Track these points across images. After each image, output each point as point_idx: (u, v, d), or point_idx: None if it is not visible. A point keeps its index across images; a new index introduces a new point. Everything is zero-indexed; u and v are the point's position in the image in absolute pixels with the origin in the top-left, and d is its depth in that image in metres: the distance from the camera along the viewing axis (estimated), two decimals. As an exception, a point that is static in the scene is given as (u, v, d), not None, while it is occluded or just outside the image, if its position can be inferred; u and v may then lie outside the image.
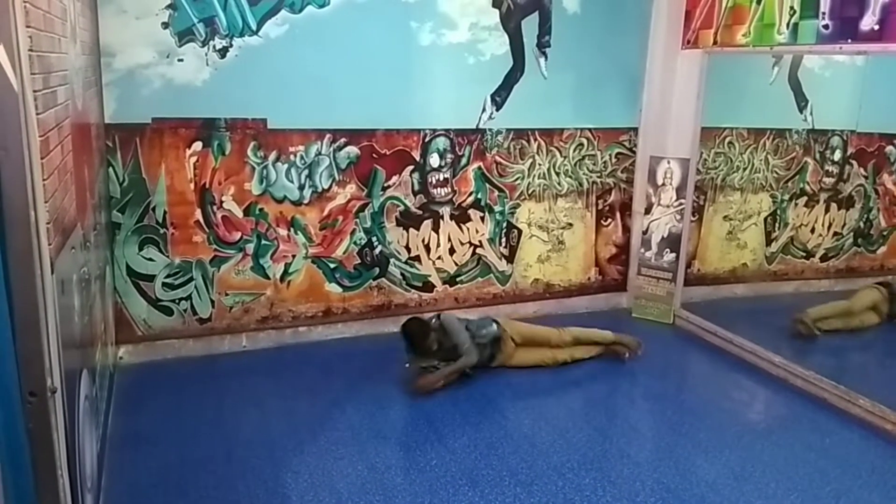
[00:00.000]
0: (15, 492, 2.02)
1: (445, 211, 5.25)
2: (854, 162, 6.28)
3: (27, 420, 2.01)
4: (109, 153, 4.35)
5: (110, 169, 4.38)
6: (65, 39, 2.79)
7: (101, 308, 3.69)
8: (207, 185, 4.60)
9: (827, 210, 6.34)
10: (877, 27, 3.94)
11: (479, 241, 5.40)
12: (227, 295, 4.79)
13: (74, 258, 2.69)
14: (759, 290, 6.25)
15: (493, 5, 5.02)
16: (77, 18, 3.26)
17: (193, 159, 4.54)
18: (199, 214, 4.61)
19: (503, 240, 5.47)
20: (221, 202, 4.65)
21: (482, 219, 5.37)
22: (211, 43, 4.41)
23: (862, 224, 6.46)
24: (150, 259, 4.58)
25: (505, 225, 5.45)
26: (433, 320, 4.48)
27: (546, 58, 5.23)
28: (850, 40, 4.11)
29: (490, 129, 5.21)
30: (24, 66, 1.92)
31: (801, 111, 6.01)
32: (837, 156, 6.23)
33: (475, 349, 4.43)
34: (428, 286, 5.34)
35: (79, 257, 2.81)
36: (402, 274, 5.23)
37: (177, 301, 4.69)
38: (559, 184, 5.53)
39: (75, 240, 2.71)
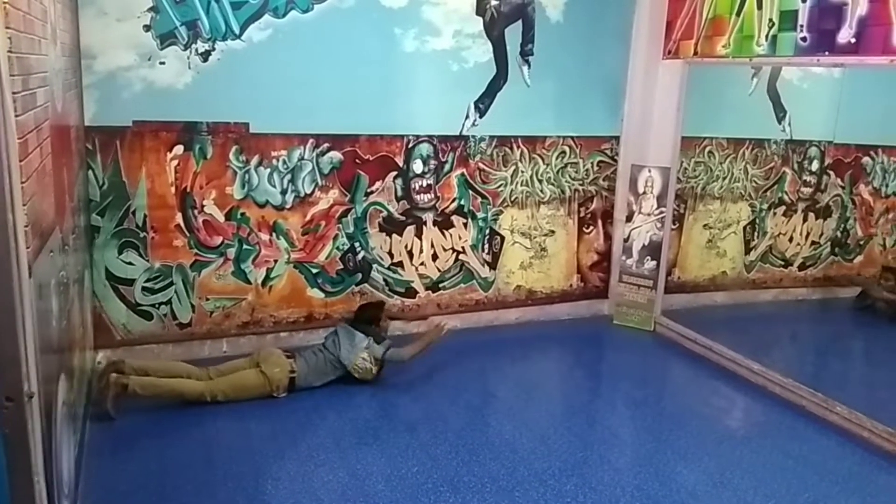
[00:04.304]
0: (-11, 499, 1.99)
1: (428, 217, 5.25)
2: (831, 172, 6.38)
3: (3, 425, 1.98)
4: (89, 156, 4.31)
5: (90, 172, 4.33)
6: (45, 41, 2.77)
7: (80, 312, 3.64)
8: (188, 189, 4.57)
9: (805, 219, 6.43)
10: (853, 40, 4.01)
11: (462, 248, 5.41)
12: (207, 300, 4.75)
13: (53, 262, 2.65)
14: (738, 298, 6.32)
15: (477, 13, 5.05)
16: (57, 20, 3.23)
17: (174, 163, 4.51)
18: (179, 218, 4.58)
19: (486, 246, 5.49)
20: (203, 206, 4.62)
21: (465, 225, 5.38)
22: (193, 46, 4.39)
23: (839, 233, 6.55)
24: (130, 263, 4.53)
25: (488, 231, 5.46)
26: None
27: (529, 66, 5.26)
28: (827, 53, 4.18)
29: (473, 136, 5.23)
30: (3, 68, 1.90)
31: (779, 122, 6.10)
32: (815, 166, 6.33)
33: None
34: (410, 292, 5.33)
35: (57, 261, 2.78)
36: (384, 280, 5.22)
37: (156, 305, 4.64)
38: (542, 191, 5.55)
39: (54, 243, 2.68)
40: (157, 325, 4.66)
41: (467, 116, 5.18)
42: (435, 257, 5.35)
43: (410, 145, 5.08)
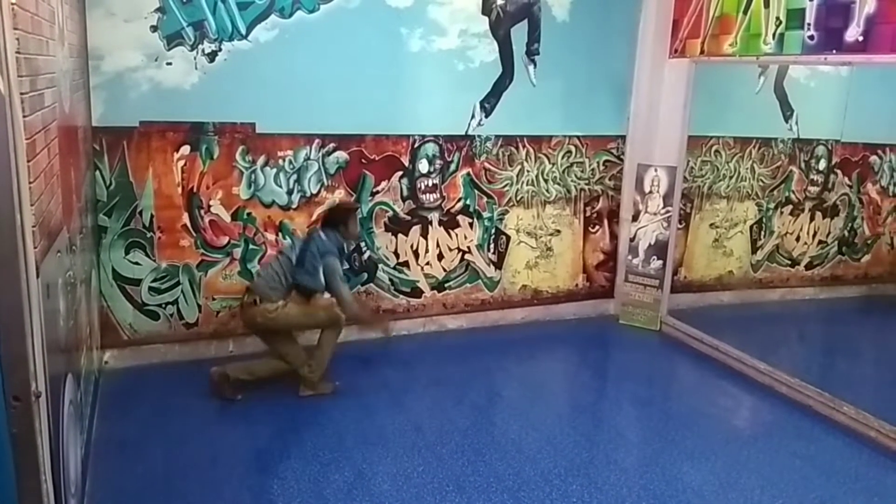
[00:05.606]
0: (-3, 497, 2.01)
1: (434, 217, 5.25)
2: (839, 171, 6.35)
3: (11, 424, 1.99)
4: (96, 156, 4.33)
5: (97, 172, 4.35)
6: (52, 42, 2.78)
7: (87, 312, 3.66)
8: (195, 190, 4.58)
9: (812, 219, 6.41)
10: (861, 38, 3.99)
11: (468, 247, 5.41)
12: (214, 299, 4.77)
13: (60, 262, 2.67)
14: (745, 298, 6.30)
15: (483, 12, 5.04)
16: (65, 21, 3.25)
17: (181, 163, 4.52)
18: (186, 218, 4.59)
19: (491, 246, 5.49)
20: (209, 206, 4.63)
21: (471, 225, 5.38)
22: (200, 47, 4.40)
23: (846, 233, 6.53)
24: (137, 263, 4.55)
25: (493, 231, 5.46)
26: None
27: (535, 65, 5.25)
28: (834, 51, 4.17)
29: (479, 136, 5.23)
30: (11, 69, 1.91)
31: (786, 121, 6.08)
32: (822, 165, 6.30)
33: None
34: (416, 292, 5.34)
35: (64, 261, 2.79)
36: (390, 279, 5.23)
37: (163, 305, 4.66)
38: (547, 191, 5.55)
39: (61, 243, 2.70)
40: (164, 324, 4.68)
41: (473, 116, 5.18)
42: (440, 257, 5.35)
43: (416, 145, 5.08)
